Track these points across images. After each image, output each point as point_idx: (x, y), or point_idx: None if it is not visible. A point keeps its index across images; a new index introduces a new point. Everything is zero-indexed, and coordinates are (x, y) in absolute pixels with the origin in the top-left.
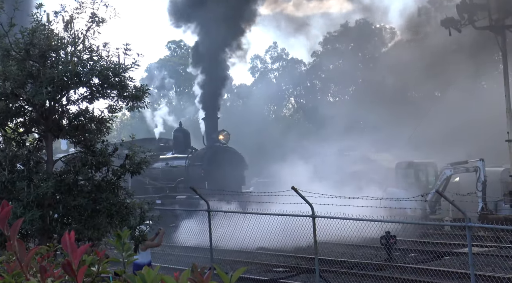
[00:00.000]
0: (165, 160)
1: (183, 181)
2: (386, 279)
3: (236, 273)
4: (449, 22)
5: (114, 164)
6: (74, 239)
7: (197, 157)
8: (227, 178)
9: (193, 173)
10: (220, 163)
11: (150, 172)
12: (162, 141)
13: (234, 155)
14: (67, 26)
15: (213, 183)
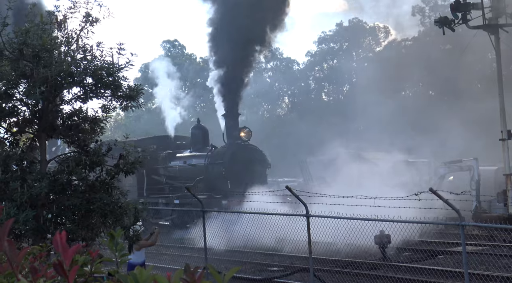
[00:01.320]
0: (182, 159)
1: (203, 180)
2: (381, 278)
3: (229, 272)
4: (443, 21)
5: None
6: (65, 239)
7: (218, 155)
8: (249, 177)
9: (214, 172)
10: (242, 161)
11: (167, 171)
12: (178, 139)
13: (256, 153)
14: (61, 26)
15: (235, 183)
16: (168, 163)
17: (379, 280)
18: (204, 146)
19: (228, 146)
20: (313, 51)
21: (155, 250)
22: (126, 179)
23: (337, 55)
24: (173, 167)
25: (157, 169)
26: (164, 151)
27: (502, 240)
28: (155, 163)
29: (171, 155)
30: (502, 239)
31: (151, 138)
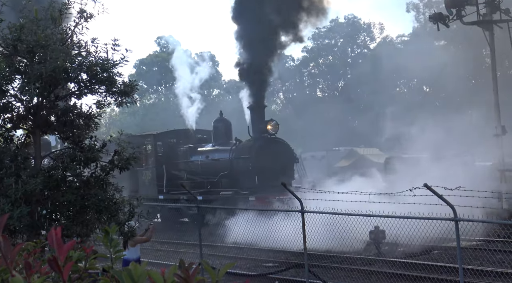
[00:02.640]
0: (204, 153)
1: (227, 176)
2: (375, 273)
3: (223, 268)
4: (438, 17)
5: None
6: (60, 234)
7: (244, 149)
8: (277, 172)
9: (239, 167)
10: (269, 155)
11: (188, 166)
12: (199, 133)
13: (284, 147)
14: (56, 22)
15: (263, 178)
16: (189, 158)
17: (374, 275)
18: (227, 140)
19: (254, 140)
20: (309, 47)
21: (150, 246)
22: (145, 175)
23: (332, 51)
24: (194, 162)
25: (177, 164)
26: (184, 145)
27: (497, 235)
28: (175, 157)
29: (192, 149)
30: (496, 235)
31: (170, 132)
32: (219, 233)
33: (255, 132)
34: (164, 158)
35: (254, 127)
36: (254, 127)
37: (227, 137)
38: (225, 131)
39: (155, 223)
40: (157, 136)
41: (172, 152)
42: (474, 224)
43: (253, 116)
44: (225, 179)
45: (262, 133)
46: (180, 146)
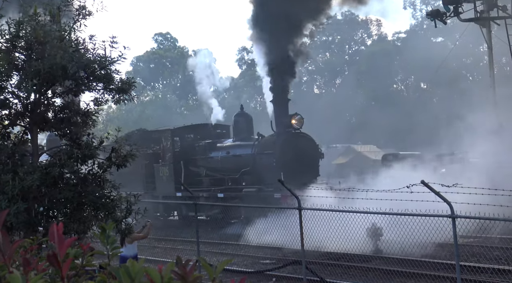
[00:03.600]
0: (224, 149)
1: (250, 172)
2: (372, 270)
3: (220, 265)
4: (435, 14)
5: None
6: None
7: (267, 144)
8: (303, 168)
9: (262, 163)
10: (294, 151)
11: (207, 162)
12: (218, 127)
13: (309, 142)
14: (54, 18)
15: (288, 175)
16: (209, 154)
17: (371, 272)
18: (248, 135)
19: (278, 135)
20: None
21: (147, 243)
22: (162, 171)
23: (329, 48)
24: (214, 158)
25: (196, 160)
26: (202, 140)
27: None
28: (193, 153)
29: (211, 145)
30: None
31: (188, 127)
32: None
33: (278, 127)
34: (181, 154)
35: (278, 122)
36: (278, 121)
37: (248, 132)
38: (246, 126)
39: (170, 220)
40: (174, 131)
41: (190, 148)
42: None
43: (277, 110)
44: (247, 176)
45: (286, 128)
46: (198, 142)
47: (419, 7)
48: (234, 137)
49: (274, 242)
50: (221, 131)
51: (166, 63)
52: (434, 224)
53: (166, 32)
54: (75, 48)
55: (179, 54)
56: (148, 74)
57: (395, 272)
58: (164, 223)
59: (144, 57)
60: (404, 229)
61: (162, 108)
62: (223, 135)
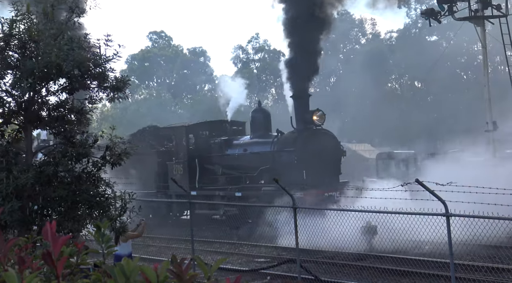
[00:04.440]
0: (241, 146)
1: (269, 170)
2: (367, 268)
3: (215, 264)
4: (429, 13)
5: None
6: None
7: (287, 141)
8: (325, 166)
9: (282, 161)
10: (316, 148)
11: (223, 159)
12: (234, 124)
13: (331, 139)
14: (48, 17)
15: (310, 173)
16: (225, 151)
17: (366, 270)
18: (266, 131)
19: (298, 131)
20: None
21: (142, 242)
22: (176, 169)
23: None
24: (230, 155)
25: (211, 157)
26: (217, 137)
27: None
28: (208, 151)
29: (227, 142)
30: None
31: (203, 123)
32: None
33: (299, 123)
34: (196, 151)
35: (298, 118)
36: (298, 117)
37: (266, 129)
38: (264, 123)
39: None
40: (189, 128)
41: (205, 145)
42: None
43: (297, 106)
44: (266, 174)
45: (307, 124)
46: (214, 139)
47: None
48: (252, 134)
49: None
50: (237, 127)
51: (161, 62)
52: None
53: (160, 31)
54: (69, 46)
55: (174, 52)
56: (142, 72)
57: (389, 271)
58: (177, 223)
59: (139, 55)
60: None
61: (157, 106)
62: (238, 132)
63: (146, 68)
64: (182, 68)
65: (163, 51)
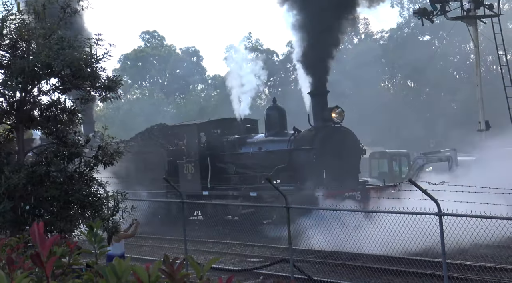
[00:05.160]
0: (256, 144)
1: (285, 169)
2: (360, 268)
3: (208, 263)
4: (422, 13)
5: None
6: (43, 230)
7: (305, 139)
8: (345, 165)
9: (300, 159)
10: (335, 146)
11: (236, 158)
12: (247, 122)
13: (350, 137)
14: (39, 16)
15: (330, 172)
16: (238, 150)
17: (359, 270)
18: (281, 129)
19: (316, 129)
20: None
21: (135, 242)
22: (187, 168)
23: None
24: (244, 154)
25: (223, 156)
26: (229, 135)
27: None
28: (221, 149)
29: (240, 140)
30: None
31: (214, 121)
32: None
33: (317, 121)
34: (208, 150)
35: (316, 115)
36: (316, 115)
37: (282, 127)
38: (280, 120)
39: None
40: (200, 126)
41: (217, 144)
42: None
43: (315, 103)
44: (283, 173)
45: (325, 122)
46: (226, 137)
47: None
48: (266, 132)
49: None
50: (251, 125)
51: (154, 61)
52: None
53: (153, 30)
54: (60, 45)
55: (167, 52)
56: (135, 72)
57: (382, 270)
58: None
59: (132, 55)
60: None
61: (150, 106)
62: (251, 130)
63: (139, 67)
64: (175, 67)
65: (156, 51)
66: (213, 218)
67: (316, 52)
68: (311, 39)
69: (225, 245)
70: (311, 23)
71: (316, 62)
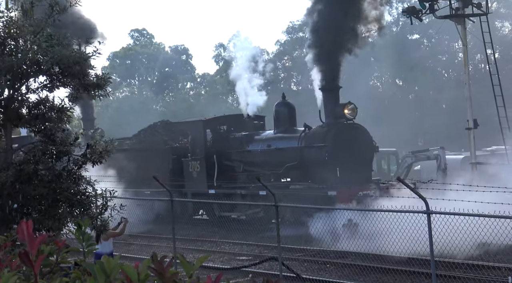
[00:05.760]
0: (265, 141)
1: (296, 167)
2: (348, 266)
3: (197, 261)
4: (411, 11)
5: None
6: (31, 228)
7: (316, 136)
8: (358, 163)
9: (311, 157)
10: (348, 144)
11: (244, 156)
12: (254, 118)
13: (363, 133)
14: (27, 13)
15: (343, 170)
16: (246, 147)
17: (347, 268)
18: (291, 126)
19: (328, 126)
20: (282, 40)
21: (123, 240)
22: (193, 166)
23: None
24: (252, 151)
25: (230, 153)
26: (236, 132)
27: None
28: (227, 146)
29: (248, 137)
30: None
31: (220, 118)
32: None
33: (328, 117)
34: (214, 147)
35: (328, 111)
36: (328, 111)
37: (291, 123)
38: (289, 117)
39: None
40: (206, 123)
41: (223, 141)
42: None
43: (327, 99)
44: (293, 171)
45: (337, 118)
46: (233, 134)
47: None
48: (275, 128)
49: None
50: (258, 122)
51: (143, 60)
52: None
53: (142, 28)
54: (49, 43)
55: (155, 50)
56: (124, 70)
57: (370, 268)
58: (191, 222)
59: (121, 53)
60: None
61: (139, 104)
62: (259, 127)
63: (128, 65)
64: (164, 66)
65: (145, 49)
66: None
67: (328, 44)
68: (324, 36)
69: (214, 243)
70: (321, 14)
71: (328, 56)
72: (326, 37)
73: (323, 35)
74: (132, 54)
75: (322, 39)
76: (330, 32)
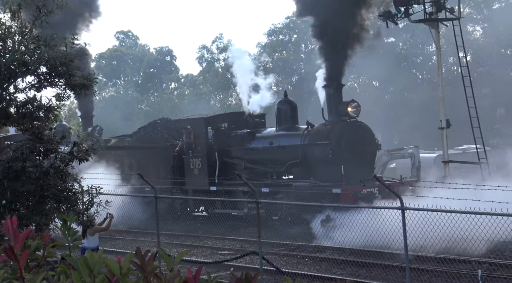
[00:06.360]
0: (267, 139)
1: (299, 165)
2: (326, 260)
3: (178, 255)
4: (387, 15)
5: None
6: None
7: (320, 134)
8: (361, 161)
9: (315, 155)
10: (352, 142)
11: (246, 153)
12: (255, 116)
13: (367, 132)
14: (15, 15)
15: (346, 168)
16: (248, 144)
17: (325, 262)
18: (293, 124)
19: (332, 123)
20: (263, 42)
21: (109, 235)
22: (194, 163)
23: (286, 47)
24: (254, 149)
25: (231, 151)
26: (237, 130)
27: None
28: (229, 144)
29: (250, 134)
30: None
31: (221, 115)
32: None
33: (331, 115)
34: (216, 144)
35: (331, 109)
36: (331, 109)
37: (293, 121)
38: (291, 114)
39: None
40: (208, 120)
41: (225, 138)
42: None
43: (330, 97)
44: (296, 169)
45: (341, 116)
46: (234, 131)
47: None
48: (277, 126)
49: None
50: (259, 120)
51: (128, 60)
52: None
53: (127, 30)
54: (36, 44)
55: (141, 51)
56: (110, 70)
57: (347, 262)
58: (190, 219)
59: (107, 54)
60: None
61: (124, 104)
62: (260, 124)
63: (113, 66)
64: (149, 66)
65: (130, 50)
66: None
67: (332, 41)
68: (328, 34)
69: (197, 238)
70: (324, 10)
71: (331, 53)
72: (329, 34)
73: (329, 37)
74: (118, 55)
75: (326, 37)
76: (334, 21)
